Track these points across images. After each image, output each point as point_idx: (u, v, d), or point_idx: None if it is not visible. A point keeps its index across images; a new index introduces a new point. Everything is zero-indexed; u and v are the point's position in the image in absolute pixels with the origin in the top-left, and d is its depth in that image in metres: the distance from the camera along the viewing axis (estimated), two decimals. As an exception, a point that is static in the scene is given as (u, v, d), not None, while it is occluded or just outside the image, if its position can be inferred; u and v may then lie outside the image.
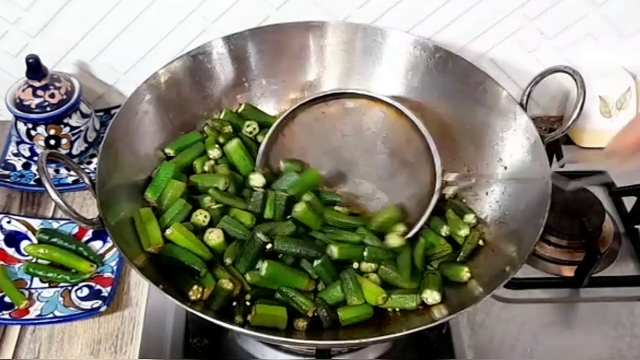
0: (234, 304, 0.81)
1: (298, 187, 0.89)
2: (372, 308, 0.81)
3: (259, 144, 0.98)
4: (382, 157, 0.96)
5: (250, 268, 0.83)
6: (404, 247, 0.85)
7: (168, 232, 0.83)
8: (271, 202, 0.87)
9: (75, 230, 0.98)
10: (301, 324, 0.79)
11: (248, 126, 0.99)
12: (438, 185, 0.90)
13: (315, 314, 0.80)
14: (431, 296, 0.81)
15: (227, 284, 0.80)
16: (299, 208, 0.86)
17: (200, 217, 0.86)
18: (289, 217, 0.87)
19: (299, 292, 0.81)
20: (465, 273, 0.83)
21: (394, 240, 0.85)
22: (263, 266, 0.80)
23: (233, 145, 0.94)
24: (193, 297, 0.79)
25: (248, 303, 0.80)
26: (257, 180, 0.90)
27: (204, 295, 0.80)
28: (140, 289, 0.92)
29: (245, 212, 0.87)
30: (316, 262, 0.82)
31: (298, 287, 0.81)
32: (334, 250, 0.83)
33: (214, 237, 0.84)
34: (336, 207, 0.90)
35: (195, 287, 0.79)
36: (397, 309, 0.82)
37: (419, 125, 0.94)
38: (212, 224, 0.86)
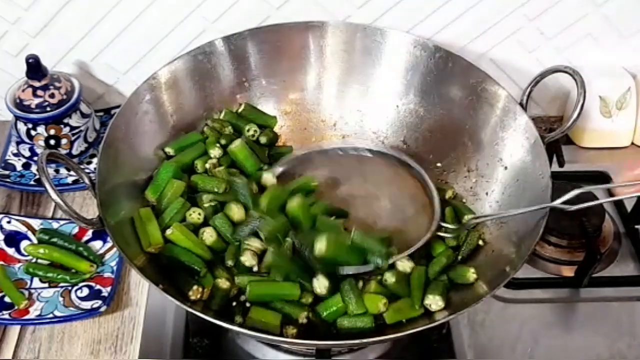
0: (234, 304, 0.81)
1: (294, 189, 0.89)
2: (372, 319, 0.78)
3: (261, 145, 0.98)
4: (386, 205, 0.94)
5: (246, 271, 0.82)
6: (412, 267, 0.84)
7: (168, 232, 0.83)
8: (271, 197, 0.87)
9: (75, 230, 0.98)
10: (290, 331, 0.78)
11: (249, 130, 0.99)
12: (433, 227, 0.88)
13: (307, 319, 0.79)
14: (434, 302, 0.80)
15: (223, 283, 0.80)
16: (294, 202, 0.85)
17: (194, 215, 0.86)
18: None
19: (289, 302, 0.80)
20: (471, 274, 0.82)
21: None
22: (247, 289, 0.80)
23: (237, 145, 0.93)
24: (193, 297, 0.79)
25: (248, 304, 0.80)
26: (268, 179, 0.90)
27: (204, 295, 0.80)
28: (140, 289, 0.92)
29: (238, 204, 0.86)
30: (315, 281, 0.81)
31: (289, 299, 0.80)
32: (321, 246, 0.79)
33: (207, 236, 0.84)
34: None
35: (195, 287, 0.79)
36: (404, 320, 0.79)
37: (429, 183, 0.94)
38: (207, 220, 0.86)
